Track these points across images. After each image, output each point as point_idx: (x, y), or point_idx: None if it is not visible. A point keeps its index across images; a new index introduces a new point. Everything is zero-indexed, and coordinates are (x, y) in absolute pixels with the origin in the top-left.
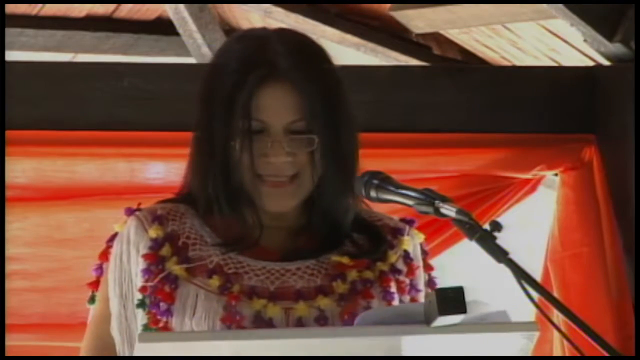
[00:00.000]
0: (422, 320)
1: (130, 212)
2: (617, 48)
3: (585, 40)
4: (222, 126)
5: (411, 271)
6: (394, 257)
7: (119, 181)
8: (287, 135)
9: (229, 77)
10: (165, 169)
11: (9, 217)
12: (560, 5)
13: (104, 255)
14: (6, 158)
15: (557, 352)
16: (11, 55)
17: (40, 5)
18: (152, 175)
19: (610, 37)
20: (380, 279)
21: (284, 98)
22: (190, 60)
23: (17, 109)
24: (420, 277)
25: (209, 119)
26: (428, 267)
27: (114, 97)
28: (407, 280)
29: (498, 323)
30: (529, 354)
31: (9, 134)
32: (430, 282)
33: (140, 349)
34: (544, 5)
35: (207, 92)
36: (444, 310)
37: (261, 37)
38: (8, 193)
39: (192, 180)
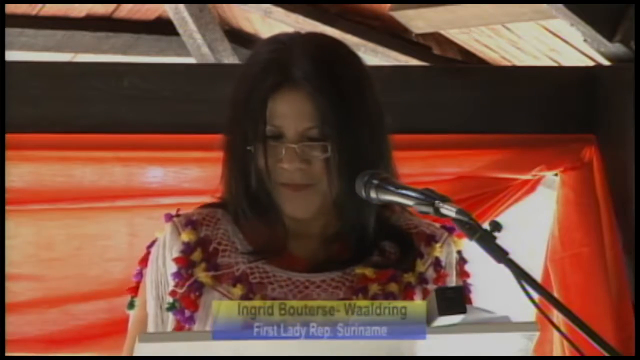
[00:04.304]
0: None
1: (169, 218)
2: (617, 48)
3: (585, 40)
4: (240, 131)
5: (440, 279)
6: (422, 266)
7: (116, 185)
8: (301, 141)
9: (249, 82)
10: (162, 173)
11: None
12: (560, 5)
13: (144, 261)
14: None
15: (557, 352)
16: (11, 55)
17: (40, 5)
18: (150, 180)
19: (610, 37)
20: (405, 292)
21: (299, 105)
22: (190, 60)
23: (16, 109)
24: (450, 285)
25: (233, 124)
26: (463, 274)
27: (114, 97)
28: (435, 288)
29: (498, 323)
30: (529, 354)
31: (7, 137)
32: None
33: (141, 349)
34: (544, 5)
35: (232, 96)
36: (444, 310)
37: (284, 43)
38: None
39: (223, 185)
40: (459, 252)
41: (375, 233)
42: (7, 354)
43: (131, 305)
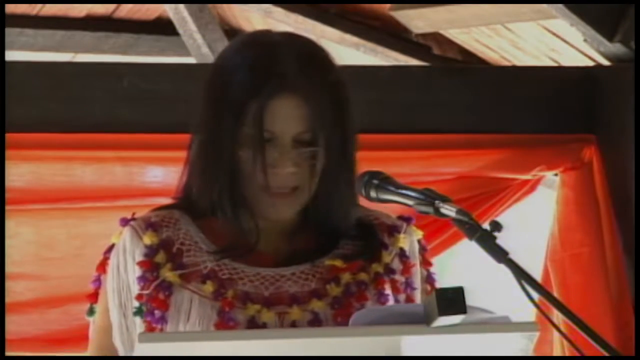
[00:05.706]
0: (420, 321)
1: (125, 222)
2: (617, 48)
3: (585, 40)
4: (230, 133)
5: (407, 269)
6: (388, 257)
7: (117, 185)
8: (294, 146)
9: (239, 85)
10: (163, 173)
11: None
12: (560, 5)
13: (102, 267)
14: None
15: (557, 353)
16: (11, 55)
17: (40, 5)
18: (150, 179)
19: (610, 37)
20: (375, 280)
21: (294, 110)
22: (190, 60)
23: (16, 109)
24: (417, 275)
25: (216, 124)
26: (426, 263)
27: (114, 97)
28: (402, 279)
29: (498, 323)
30: (530, 354)
31: (7, 137)
32: (428, 278)
33: (141, 349)
34: (544, 5)
35: (214, 95)
36: (444, 311)
37: (270, 45)
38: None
39: (195, 184)
40: (419, 241)
41: (340, 225)
42: (8, 353)
43: (91, 312)
